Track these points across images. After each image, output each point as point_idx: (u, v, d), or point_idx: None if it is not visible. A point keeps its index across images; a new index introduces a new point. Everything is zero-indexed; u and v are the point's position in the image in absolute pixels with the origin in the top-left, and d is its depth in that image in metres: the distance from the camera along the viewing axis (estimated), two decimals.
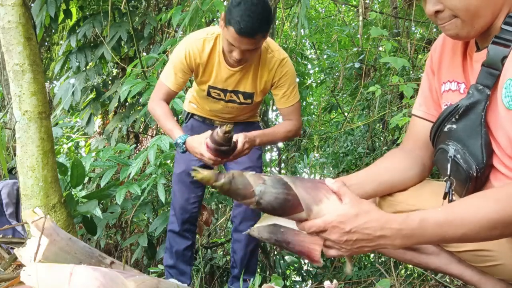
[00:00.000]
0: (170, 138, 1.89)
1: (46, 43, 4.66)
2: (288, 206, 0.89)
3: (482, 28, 1.02)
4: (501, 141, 1.02)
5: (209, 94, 2.01)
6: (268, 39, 1.98)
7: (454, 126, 1.09)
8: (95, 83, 3.81)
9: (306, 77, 5.29)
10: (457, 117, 1.08)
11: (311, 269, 4.45)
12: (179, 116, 2.80)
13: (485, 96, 1.02)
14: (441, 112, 1.15)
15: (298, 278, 4.44)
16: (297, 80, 4.75)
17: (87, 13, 3.73)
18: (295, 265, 4.33)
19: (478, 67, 1.05)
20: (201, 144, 1.70)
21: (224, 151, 1.66)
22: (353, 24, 5.60)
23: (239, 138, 1.74)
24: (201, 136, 1.73)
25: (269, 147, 5.15)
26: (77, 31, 3.49)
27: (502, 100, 0.98)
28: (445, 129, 1.11)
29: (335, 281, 1.19)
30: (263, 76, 1.94)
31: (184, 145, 1.79)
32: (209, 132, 1.68)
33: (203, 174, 0.87)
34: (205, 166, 2.11)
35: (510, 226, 0.88)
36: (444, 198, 1.15)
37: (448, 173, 1.10)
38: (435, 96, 1.23)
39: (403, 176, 1.25)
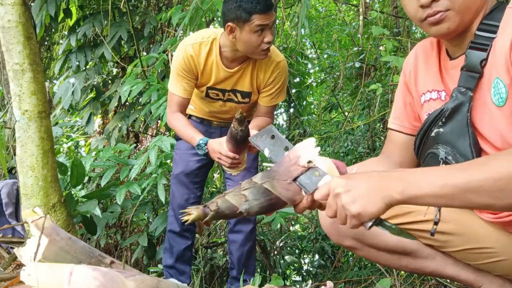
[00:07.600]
0: (191, 144, 1.92)
1: (46, 42, 4.65)
2: (274, 207, 1.01)
3: (465, 26, 1.06)
4: (491, 137, 1.05)
5: (207, 95, 2.03)
6: None
7: (441, 129, 1.12)
8: (95, 83, 3.80)
9: (306, 77, 5.29)
10: (443, 120, 1.11)
11: (311, 269, 4.46)
12: None
13: (468, 98, 1.07)
14: (424, 120, 1.19)
15: (298, 278, 4.45)
16: (297, 79, 4.76)
17: (87, 13, 3.73)
18: (295, 265, 4.32)
19: (455, 73, 1.11)
20: (221, 144, 1.73)
21: (242, 140, 1.65)
22: (353, 24, 5.60)
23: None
24: (221, 138, 1.78)
25: None
26: (77, 31, 3.48)
27: (492, 99, 1.02)
28: (432, 134, 1.14)
29: (329, 282, 1.19)
30: (259, 76, 1.97)
31: (205, 146, 1.81)
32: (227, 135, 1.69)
33: (193, 214, 0.97)
34: (200, 167, 2.13)
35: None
36: None
37: None
38: (409, 109, 1.30)
39: None
